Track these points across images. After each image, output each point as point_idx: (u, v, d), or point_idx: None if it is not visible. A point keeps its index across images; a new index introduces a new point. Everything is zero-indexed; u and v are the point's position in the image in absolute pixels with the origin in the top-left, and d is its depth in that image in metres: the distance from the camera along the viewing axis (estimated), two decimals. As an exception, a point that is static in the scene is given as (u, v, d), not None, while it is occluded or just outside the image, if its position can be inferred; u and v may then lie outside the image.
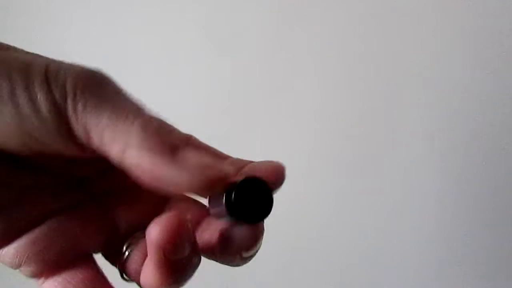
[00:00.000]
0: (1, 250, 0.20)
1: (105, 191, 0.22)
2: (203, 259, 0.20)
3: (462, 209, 0.59)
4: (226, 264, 0.21)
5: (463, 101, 0.59)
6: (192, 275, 0.19)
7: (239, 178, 0.19)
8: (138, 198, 0.22)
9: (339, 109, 0.61)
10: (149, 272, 0.19)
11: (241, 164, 0.21)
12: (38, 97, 0.17)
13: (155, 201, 0.22)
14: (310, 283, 0.61)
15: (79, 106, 0.17)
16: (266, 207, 0.19)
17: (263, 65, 0.60)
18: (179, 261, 0.18)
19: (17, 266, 0.20)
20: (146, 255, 0.20)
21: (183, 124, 0.20)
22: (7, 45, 0.20)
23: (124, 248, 0.21)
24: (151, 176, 0.17)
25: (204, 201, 0.22)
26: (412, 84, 0.59)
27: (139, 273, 0.21)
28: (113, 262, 0.22)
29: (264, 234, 0.20)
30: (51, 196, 0.21)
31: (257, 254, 0.20)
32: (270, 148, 0.59)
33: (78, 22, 0.64)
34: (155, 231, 0.17)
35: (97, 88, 0.18)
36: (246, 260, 0.20)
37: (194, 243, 0.19)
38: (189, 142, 0.20)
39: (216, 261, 0.21)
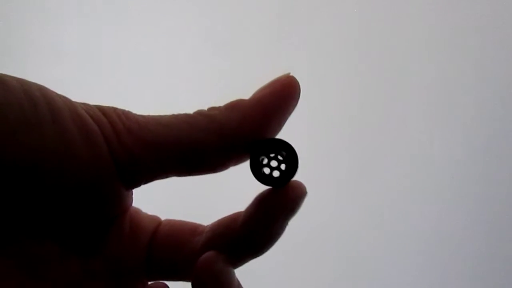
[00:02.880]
0: None
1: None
2: None
3: (462, 209, 0.59)
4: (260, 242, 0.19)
5: (463, 101, 0.59)
6: None
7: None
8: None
9: (338, 109, 0.61)
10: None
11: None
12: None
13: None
14: (310, 284, 0.61)
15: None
16: (290, 168, 0.18)
17: (263, 65, 0.60)
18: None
19: None
20: None
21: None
22: None
23: None
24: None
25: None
26: (412, 84, 0.59)
27: None
28: None
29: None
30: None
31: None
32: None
33: (77, 22, 0.64)
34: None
35: None
36: (282, 229, 0.19)
37: None
38: None
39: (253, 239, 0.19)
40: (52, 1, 0.64)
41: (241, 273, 0.19)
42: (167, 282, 0.20)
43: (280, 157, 0.18)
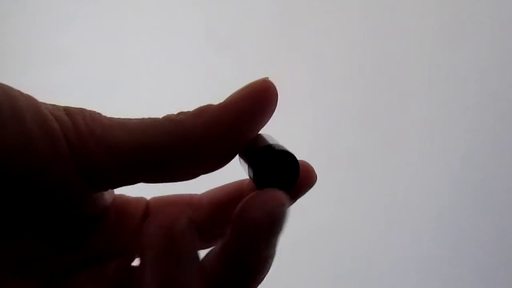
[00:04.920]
0: None
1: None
2: None
3: (462, 210, 0.59)
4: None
5: (464, 101, 0.58)
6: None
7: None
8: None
9: (338, 109, 0.60)
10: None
11: None
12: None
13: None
14: (309, 284, 0.61)
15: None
16: (291, 174, 0.17)
17: (263, 65, 0.60)
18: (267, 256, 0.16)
19: None
20: None
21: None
22: None
23: None
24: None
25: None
26: (412, 84, 0.59)
27: None
28: None
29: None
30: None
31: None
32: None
33: (77, 21, 0.64)
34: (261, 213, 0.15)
35: None
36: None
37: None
38: None
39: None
40: (53, 2, 0.64)
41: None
42: None
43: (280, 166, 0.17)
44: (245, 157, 0.18)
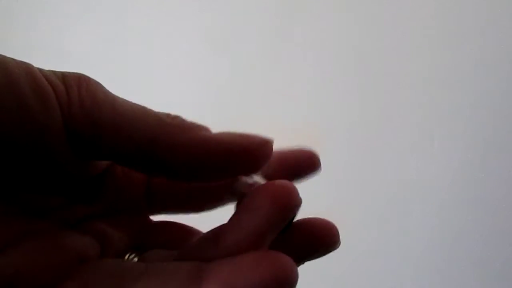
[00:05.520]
0: None
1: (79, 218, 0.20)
2: None
3: (462, 210, 0.59)
4: None
5: (464, 101, 0.59)
6: None
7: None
8: (121, 221, 0.20)
9: (337, 110, 0.60)
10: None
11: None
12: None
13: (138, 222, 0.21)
14: (310, 283, 0.61)
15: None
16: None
17: (262, 66, 0.60)
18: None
19: None
20: None
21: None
22: None
23: None
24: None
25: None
26: (412, 84, 0.59)
27: None
28: None
29: None
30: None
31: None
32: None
33: (78, 21, 0.64)
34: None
35: None
36: None
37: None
38: None
39: None
40: (54, 2, 0.64)
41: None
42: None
43: None
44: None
